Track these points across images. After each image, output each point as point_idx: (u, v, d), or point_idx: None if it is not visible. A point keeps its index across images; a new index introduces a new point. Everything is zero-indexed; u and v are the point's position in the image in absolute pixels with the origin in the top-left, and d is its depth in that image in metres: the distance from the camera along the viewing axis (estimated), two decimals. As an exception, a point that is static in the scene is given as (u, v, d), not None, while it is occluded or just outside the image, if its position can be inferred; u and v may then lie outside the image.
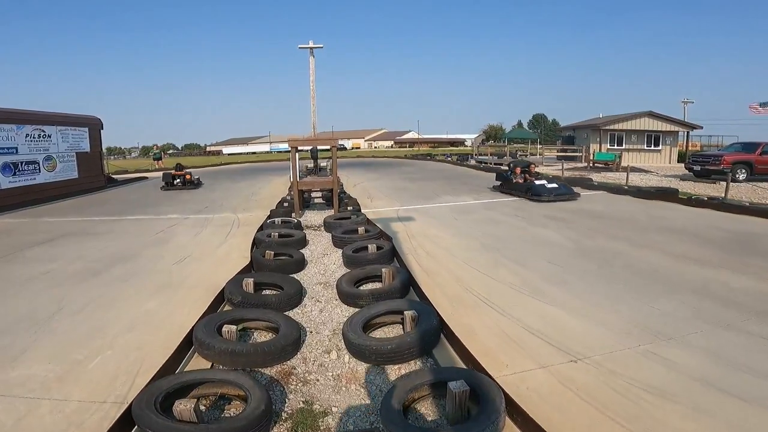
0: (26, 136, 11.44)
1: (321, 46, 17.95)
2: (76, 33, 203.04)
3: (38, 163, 11.80)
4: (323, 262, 5.59)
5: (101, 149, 15.42)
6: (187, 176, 14.10)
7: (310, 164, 20.20)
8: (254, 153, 76.05)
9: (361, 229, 6.38)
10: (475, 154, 31.16)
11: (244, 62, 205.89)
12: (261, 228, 7.07)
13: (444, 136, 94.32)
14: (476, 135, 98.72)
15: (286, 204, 8.91)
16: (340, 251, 5.80)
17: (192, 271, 5.08)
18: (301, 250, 5.96)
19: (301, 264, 5.30)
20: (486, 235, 6.69)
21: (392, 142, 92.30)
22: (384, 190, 12.28)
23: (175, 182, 13.95)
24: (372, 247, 5.41)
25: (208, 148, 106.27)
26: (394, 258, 5.47)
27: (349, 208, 8.54)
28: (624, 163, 19.80)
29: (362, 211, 8.64)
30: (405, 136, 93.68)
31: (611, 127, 23.31)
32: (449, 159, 31.05)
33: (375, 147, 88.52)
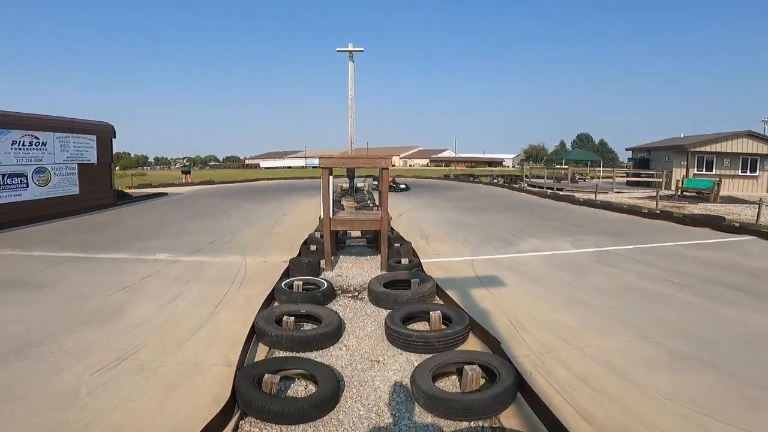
0: (12, 144, 9.59)
1: (362, 49, 15.74)
2: (120, 43, 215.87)
3: (26, 176, 9.92)
4: (373, 387, 2.91)
5: (111, 160, 13.59)
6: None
7: (346, 184, 17.91)
8: (290, 167, 75.50)
9: (435, 315, 3.68)
10: (526, 176, 28.00)
11: (284, 75, 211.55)
12: (270, 297, 4.48)
13: (481, 155, 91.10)
14: (515, 155, 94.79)
15: (314, 247, 6.34)
16: (398, 354, 3.17)
17: (103, 413, 2.48)
18: (333, 346, 3.36)
19: (330, 399, 2.64)
20: (653, 323, 3.83)
21: (428, 161, 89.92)
22: (439, 223, 9.57)
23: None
24: (472, 374, 2.70)
25: (246, 161, 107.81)
26: (517, 392, 2.72)
27: (403, 259, 5.85)
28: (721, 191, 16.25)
29: (421, 260, 5.96)
30: (441, 155, 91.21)
31: (701, 149, 19.69)
32: (496, 181, 28.06)
33: (410, 165, 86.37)
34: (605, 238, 8.09)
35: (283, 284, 4.64)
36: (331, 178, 5.70)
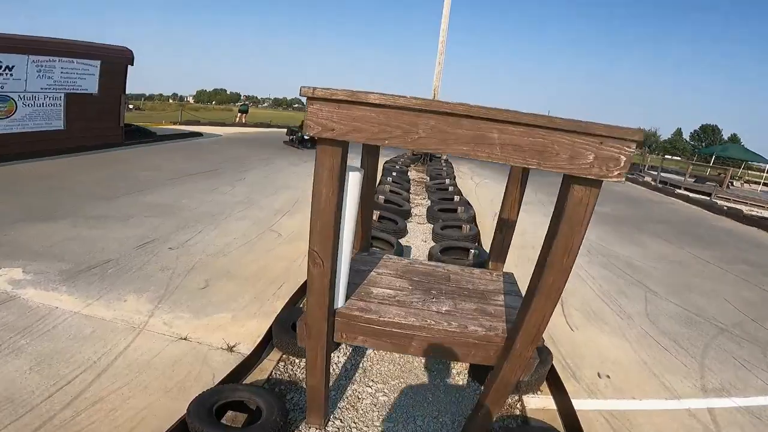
0: None
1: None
2: None
3: (-27, 104, 7.22)
4: None
5: (123, 92, 10.74)
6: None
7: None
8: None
9: None
10: (645, 168, 20.95)
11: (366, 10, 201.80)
12: None
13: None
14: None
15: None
16: None
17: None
18: None
19: None
20: None
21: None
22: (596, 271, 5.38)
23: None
24: None
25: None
26: None
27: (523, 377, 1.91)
28: None
29: (572, 401, 2.02)
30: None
31: None
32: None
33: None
34: None
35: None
36: (357, 176, 1.72)
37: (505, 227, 2.81)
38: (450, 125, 1.37)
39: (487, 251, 5.01)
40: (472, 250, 4.85)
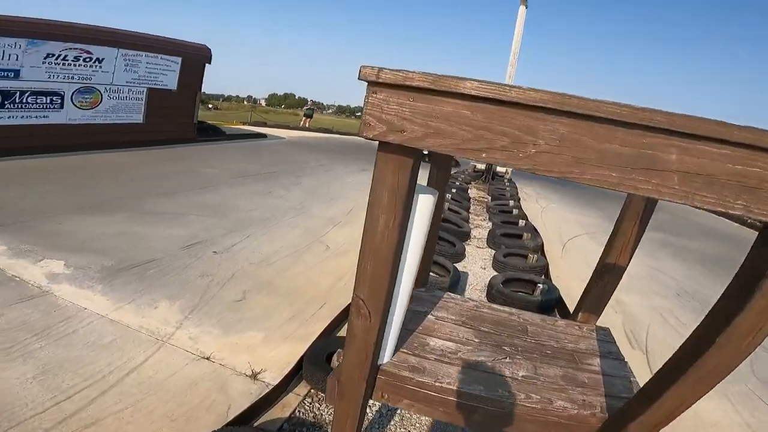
0: (46, 57, 7.31)
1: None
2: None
3: (62, 96, 7.71)
4: None
5: (199, 90, 11.20)
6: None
7: (480, 163, 12.91)
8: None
9: None
10: None
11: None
12: None
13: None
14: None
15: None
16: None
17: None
18: None
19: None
20: None
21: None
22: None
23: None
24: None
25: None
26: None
27: None
28: None
29: None
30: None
31: None
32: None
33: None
34: None
35: None
36: (429, 201, 1.23)
37: (609, 274, 2.17)
38: (593, 135, 0.85)
39: (556, 286, 4.29)
40: (540, 285, 4.16)
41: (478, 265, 5.06)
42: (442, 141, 0.94)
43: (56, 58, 7.47)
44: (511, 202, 8.41)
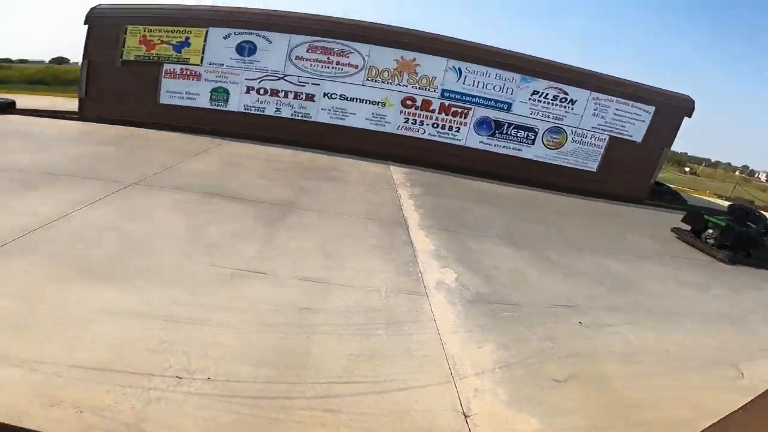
0: (532, 94, 8.44)
1: None
2: None
3: (536, 133, 8.72)
4: None
5: (668, 146, 9.67)
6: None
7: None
8: None
9: None
10: None
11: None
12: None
13: None
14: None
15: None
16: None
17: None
18: None
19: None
20: None
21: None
22: None
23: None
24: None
25: None
26: None
27: None
28: None
29: None
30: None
31: None
32: None
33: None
34: None
35: None
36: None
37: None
38: None
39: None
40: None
41: None
42: None
43: (539, 96, 8.53)
44: None
